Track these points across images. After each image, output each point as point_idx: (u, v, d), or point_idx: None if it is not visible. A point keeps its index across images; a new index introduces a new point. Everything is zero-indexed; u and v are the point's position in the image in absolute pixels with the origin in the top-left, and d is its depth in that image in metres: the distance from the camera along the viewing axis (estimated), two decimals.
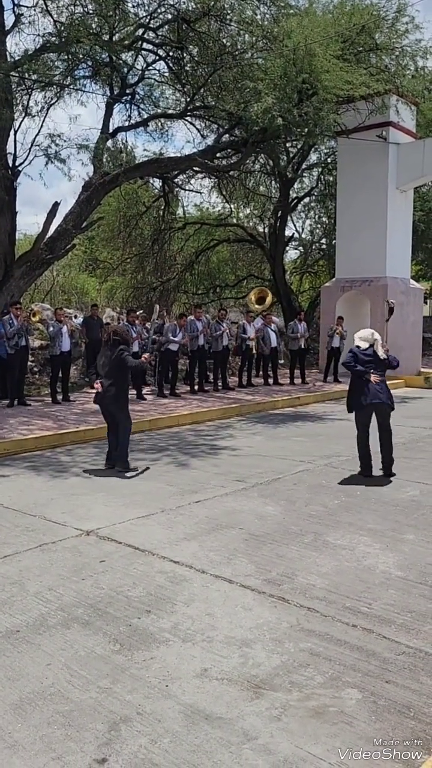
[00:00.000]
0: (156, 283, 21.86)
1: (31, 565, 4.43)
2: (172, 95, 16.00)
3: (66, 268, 24.37)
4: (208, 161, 15.07)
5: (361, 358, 6.74)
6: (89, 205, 14.29)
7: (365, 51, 13.80)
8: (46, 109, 13.80)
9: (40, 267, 13.86)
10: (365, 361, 6.73)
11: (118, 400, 7.06)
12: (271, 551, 4.67)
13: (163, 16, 13.84)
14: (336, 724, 2.69)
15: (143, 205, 20.64)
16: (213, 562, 4.44)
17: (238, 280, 24.12)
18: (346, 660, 3.19)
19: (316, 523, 5.33)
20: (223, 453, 8.22)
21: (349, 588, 4.03)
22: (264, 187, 22.90)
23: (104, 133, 14.32)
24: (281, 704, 2.83)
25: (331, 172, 21.21)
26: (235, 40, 13.61)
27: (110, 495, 6.24)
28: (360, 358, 6.73)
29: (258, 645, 3.34)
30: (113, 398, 7.01)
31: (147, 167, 16.01)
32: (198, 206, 24.36)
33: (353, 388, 6.83)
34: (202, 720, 2.72)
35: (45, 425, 9.55)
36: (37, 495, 6.26)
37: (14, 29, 12.85)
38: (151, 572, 4.30)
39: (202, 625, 3.55)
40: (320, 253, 24.87)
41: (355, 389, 6.79)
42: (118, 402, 7.08)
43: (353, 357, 6.76)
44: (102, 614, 3.69)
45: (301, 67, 11.92)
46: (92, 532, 5.10)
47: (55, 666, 3.15)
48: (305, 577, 4.20)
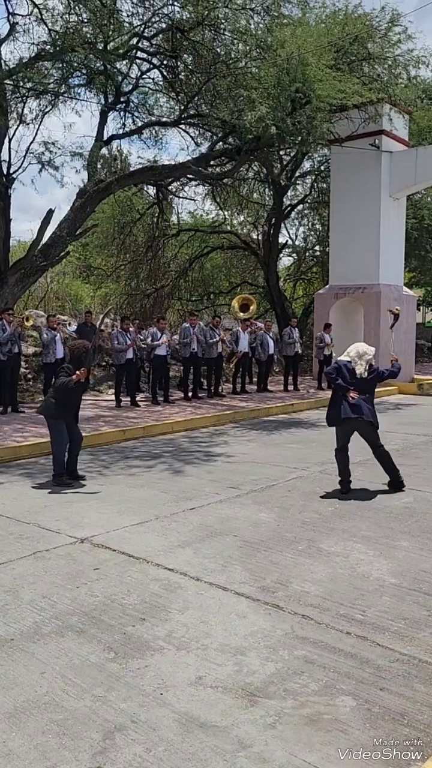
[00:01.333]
0: (150, 289, 21.89)
1: (25, 573, 4.42)
2: (166, 103, 16.07)
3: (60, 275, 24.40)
4: (202, 169, 15.12)
5: (343, 373, 6.53)
6: (83, 212, 14.31)
7: (358, 60, 13.88)
8: (40, 116, 13.88)
9: (34, 274, 13.87)
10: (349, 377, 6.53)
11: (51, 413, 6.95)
12: (265, 558, 4.68)
13: (157, 26, 13.92)
14: (330, 732, 2.70)
15: (137, 212, 20.69)
16: (207, 570, 4.45)
17: (232, 287, 24.19)
18: (341, 667, 3.20)
19: (310, 530, 5.34)
20: (218, 460, 8.23)
21: (343, 595, 4.04)
22: (258, 194, 23.00)
23: (98, 141, 14.36)
24: (276, 712, 2.83)
25: (325, 179, 21.33)
26: (229, 49, 13.68)
27: (104, 502, 6.23)
28: (343, 373, 6.52)
29: (252, 653, 3.34)
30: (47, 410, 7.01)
31: (141, 175, 16.06)
32: (192, 213, 24.46)
33: (332, 401, 6.64)
34: (197, 728, 2.72)
35: (39, 432, 9.53)
36: (31, 502, 6.25)
37: (9, 37, 12.90)
38: (146, 580, 4.30)
39: (197, 633, 3.55)
40: (314, 260, 24.98)
41: (334, 402, 6.61)
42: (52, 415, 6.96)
43: (337, 369, 6.55)
44: (96, 622, 3.69)
45: (294, 77, 11.99)
46: (86, 540, 5.10)
47: (49, 674, 3.15)
48: (299, 584, 4.21)
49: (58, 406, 6.93)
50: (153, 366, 13.33)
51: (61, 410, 6.92)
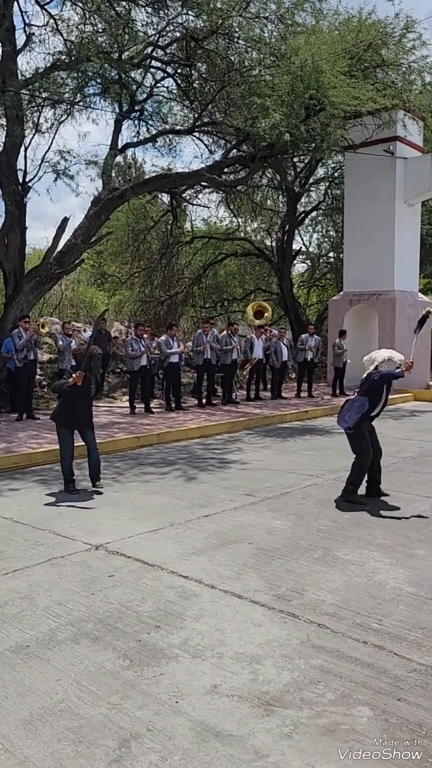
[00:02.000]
0: (164, 296, 21.97)
1: (41, 580, 4.43)
2: (180, 111, 16.18)
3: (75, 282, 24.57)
4: (216, 176, 15.18)
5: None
6: (98, 220, 14.41)
7: (372, 67, 13.91)
8: (56, 126, 14.00)
9: (49, 281, 13.97)
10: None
11: (54, 416, 7.05)
12: (280, 566, 4.65)
13: (171, 35, 14.03)
14: (347, 743, 2.67)
15: (151, 220, 20.80)
16: (222, 577, 4.43)
17: (245, 293, 24.23)
18: (357, 677, 3.17)
19: (325, 537, 5.31)
20: (232, 467, 8.22)
21: (359, 604, 4.01)
22: (271, 201, 23.06)
23: (113, 149, 14.48)
24: (292, 722, 2.81)
25: (339, 186, 21.34)
26: (243, 57, 13.75)
27: (119, 509, 6.24)
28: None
29: (268, 661, 3.32)
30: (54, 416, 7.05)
31: (155, 182, 16.15)
32: (206, 220, 24.59)
33: None
34: (213, 737, 2.71)
35: (54, 439, 9.52)
36: (46, 509, 6.27)
37: (25, 48, 13.06)
38: (161, 587, 4.29)
39: (212, 641, 3.53)
40: (328, 266, 24.97)
41: None
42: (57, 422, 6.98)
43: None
44: (111, 629, 3.68)
45: (308, 84, 12.03)
46: (101, 547, 5.11)
47: (65, 681, 3.15)
48: (315, 592, 4.19)
49: (60, 412, 6.94)
50: (166, 373, 13.36)
51: (64, 416, 6.87)
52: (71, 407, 6.86)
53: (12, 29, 12.59)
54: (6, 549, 5.09)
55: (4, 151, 12.88)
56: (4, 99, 11.95)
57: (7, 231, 13.40)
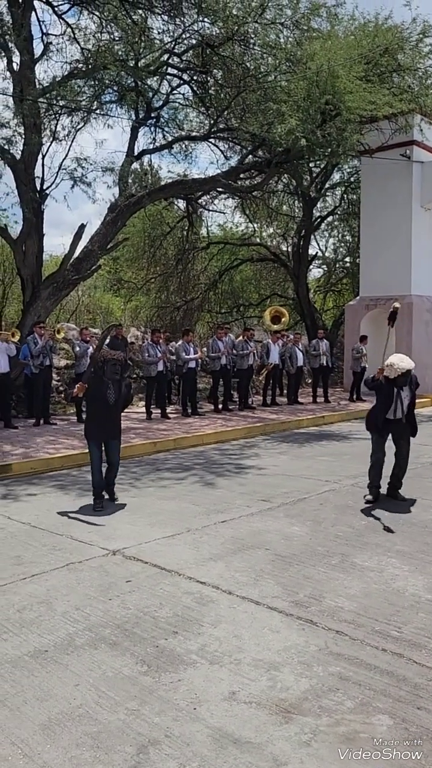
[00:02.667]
0: (180, 302, 22.02)
1: (59, 585, 4.45)
2: (196, 118, 16.27)
3: (91, 288, 24.69)
4: (232, 182, 15.21)
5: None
6: (114, 227, 14.49)
7: (388, 71, 13.88)
8: (73, 133, 14.11)
9: (66, 287, 14.06)
10: None
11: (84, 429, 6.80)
12: (297, 572, 4.63)
13: (187, 42, 14.11)
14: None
15: (167, 226, 20.86)
16: (239, 583, 4.42)
17: (261, 299, 24.20)
18: (377, 685, 3.14)
19: (343, 544, 5.28)
20: (249, 472, 8.20)
21: (378, 611, 3.98)
22: (287, 206, 23.05)
23: (129, 156, 14.56)
24: (311, 729, 2.79)
25: (355, 191, 21.28)
26: (259, 63, 13.79)
27: (136, 514, 6.25)
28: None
29: (286, 668, 3.30)
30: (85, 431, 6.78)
31: (171, 189, 16.22)
32: (221, 226, 24.59)
33: None
34: (231, 744, 2.70)
35: (71, 444, 9.62)
36: (64, 514, 6.29)
37: (43, 57, 13.20)
38: (178, 593, 4.29)
39: (230, 647, 3.52)
40: (344, 271, 24.87)
41: None
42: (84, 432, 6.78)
43: None
44: (129, 635, 3.69)
45: (324, 89, 12.02)
46: (118, 552, 5.11)
47: (83, 687, 3.15)
48: (333, 599, 4.16)
49: (87, 423, 6.72)
50: (183, 378, 13.38)
51: (90, 428, 6.60)
52: (97, 418, 6.53)
53: (30, 39, 12.73)
54: (24, 554, 5.11)
55: (22, 159, 13.01)
56: (22, 107, 12.07)
57: (25, 238, 13.52)
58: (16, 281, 17.93)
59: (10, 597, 4.25)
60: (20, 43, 12.21)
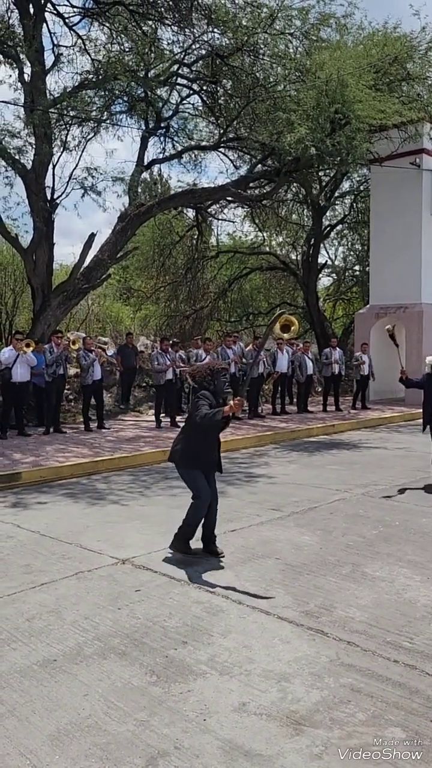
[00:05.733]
0: (189, 311, 22.06)
1: (68, 594, 4.43)
2: (205, 127, 16.35)
3: (101, 297, 24.77)
4: (241, 191, 15.25)
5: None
6: (124, 236, 14.55)
7: (398, 80, 13.91)
8: (83, 143, 14.20)
9: (76, 296, 14.12)
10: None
11: (181, 461, 5.24)
12: (308, 582, 4.59)
13: (197, 52, 14.21)
14: (380, 765, 2.61)
15: (177, 235, 20.93)
16: (249, 593, 4.38)
17: (271, 307, 24.19)
18: (389, 697, 3.10)
19: (353, 553, 5.24)
20: (259, 481, 8.16)
21: (390, 622, 3.93)
22: (296, 215, 23.08)
23: (139, 166, 14.63)
24: (322, 742, 2.75)
25: (364, 199, 21.29)
26: (268, 73, 13.85)
27: (145, 523, 6.23)
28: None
29: (297, 679, 3.27)
30: (177, 458, 5.29)
31: (181, 198, 16.28)
32: (231, 235, 24.64)
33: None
34: (241, 756, 2.66)
35: (81, 452, 9.62)
36: (73, 522, 6.28)
37: (54, 68, 13.31)
38: (187, 602, 4.26)
39: (240, 658, 3.49)
40: (353, 279, 24.86)
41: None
42: (181, 463, 5.25)
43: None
44: (138, 645, 3.66)
45: (333, 98, 12.05)
46: (128, 561, 5.09)
47: (92, 697, 3.13)
48: (344, 609, 4.12)
49: (188, 450, 5.19)
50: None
51: (192, 455, 5.20)
52: (204, 443, 5.25)
53: (41, 50, 12.85)
54: (34, 562, 5.10)
55: (32, 168, 13.10)
56: (33, 118, 12.16)
57: (36, 247, 13.59)
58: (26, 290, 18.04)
59: (19, 606, 4.24)
60: (31, 55, 12.32)
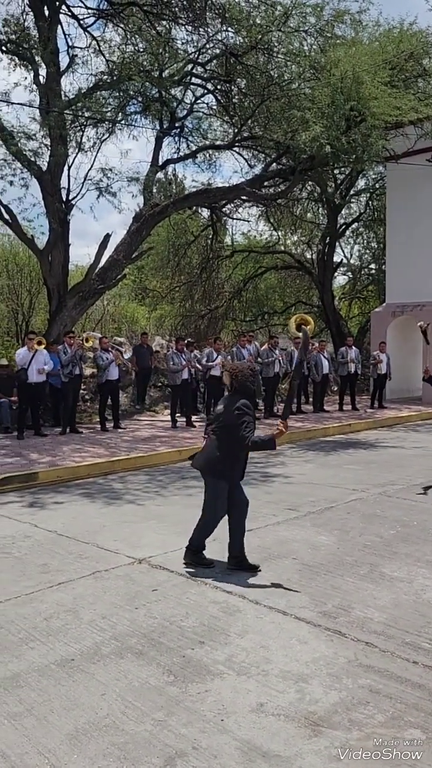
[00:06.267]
0: (204, 310, 22.06)
1: (85, 593, 4.44)
2: (220, 127, 16.31)
3: (116, 297, 24.84)
4: (256, 190, 15.22)
5: None
6: (139, 236, 14.57)
7: (414, 77, 13.80)
8: (98, 144, 14.23)
9: (91, 297, 14.17)
10: None
11: (214, 469, 4.86)
12: (325, 582, 4.57)
13: (211, 52, 14.18)
14: (399, 767, 2.58)
15: (191, 235, 20.94)
16: (266, 593, 4.37)
17: (286, 306, 24.13)
18: (408, 698, 3.07)
19: (371, 553, 5.20)
20: (275, 481, 8.14)
21: (408, 622, 3.90)
22: (311, 213, 22.99)
23: (154, 166, 14.64)
24: (341, 743, 2.73)
25: (380, 197, 21.16)
26: (283, 71, 13.80)
27: (162, 523, 6.23)
28: None
29: (315, 680, 3.25)
30: (208, 465, 4.91)
31: (195, 198, 16.27)
32: (245, 234, 24.62)
33: None
34: (259, 757, 2.65)
35: (97, 452, 9.65)
36: (90, 522, 6.30)
37: (69, 70, 13.37)
38: (204, 602, 4.25)
39: (257, 658, 3.48)
40: (369, 278, 24.72)
41: None
42: (212, 472, 4.87)
43: None
44: (155, 644, 3.66)
45: (348, 95, 11.98)
46: (144, 560, 5.10)
47: (109, 696, 3.13)
48: (362, 610, 4.09)
49: (225, 460, 4.83)
50: (208, 386, 13.37)
51: (228, 465, 4.86)
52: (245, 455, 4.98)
53: (56, 52, 12.90)
54: (51, 562, 5.12)
55: (48, 170, 13.16)
56: (49, 119, 12.22)
57: (51, 248, 13.66)
58: (42, 291, 18.13)
59: (37, 605, 4.26)
60: (46, 57, 12.38)
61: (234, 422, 4.72)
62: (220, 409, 4.98)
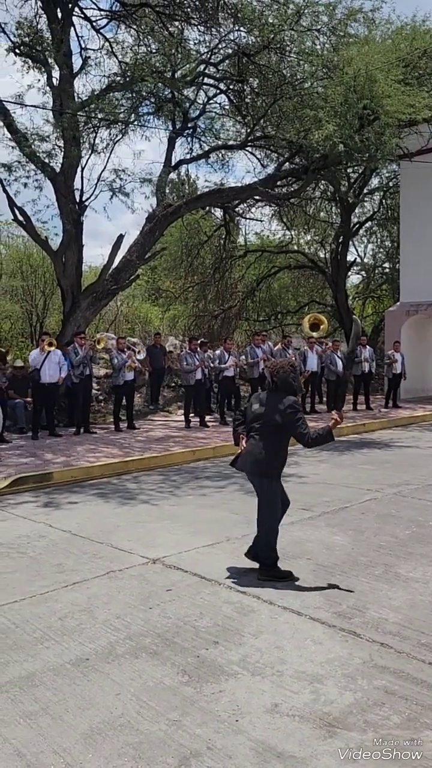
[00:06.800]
0: (217, 311, 22.06)
1: (99, 593, 4.45)
2: (232, 127, 16.29)
3: (129, 298, 24.89)
4: (269, 190, 15.18)
5: None
6: (152, 236, 14.59)
7: (427, 74, 13.68)
8: (111, 145, 14.27)
9: (105, 297, 14.20)
10: None
11: (266, 470, 4.77)
12: (340, 583, 4.55)
13: (223, 52, 14.17)
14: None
15: (204, 235, 20.94)
16: (280, 593, 4.36)
17: (299, 306, 24.07)
18: (424, 700, 3.05)
19: (386, 554, 5.17)
20: (289, 481, 8.09)
21: (424, 623, 3.87)
22: (325, 213, 22.90)
23: (167, 166, 14.66)
24: (356, 744, 2.72)
25: (393, 195, 21.05)
26: (295, 70, 13.76)
27: (176, 523, 6.24)
28: None
29: (330, 681, 3.23)
30: (259, 467, 4.76)
31: (208, 198, 16.26)
32: (258, 234, 24.57)
33: None
34: (274, 758, 2.64)
35: (111, 453, 9.68)
36: (104, 522, 6.32)
37: (82, 71, 13.42)
38: (218, 602, 4.25)
39: (272, 659, 3.47)
40: (383, 277, 24.60)
41: None
42: (265, 473, 4.78)
43: None
44: (170, 644, 3.66)
45: (361, 94, 11.91)
46: (158, 560, 5.11)
47: (124, 696, 3.14)
48: (377, 610, 4.07)
49: (274, 460, 4.77)
50: (220, 387, 13.37)
51: (278, 465, 4.83)
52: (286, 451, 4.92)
53: (69, 54, 12.96)
54: (66, 561, 5.15)
55: (61, 171, 13.22)
56: (62, 121, 12.27)
57: (65, 249, 13.72)
58: (56, 292, 18.20)
59: (51, 605, 4.28)
60: (60, 59, 12.44)
61: (287, 421, 4.65)
62: (259, 409, 4.82)
